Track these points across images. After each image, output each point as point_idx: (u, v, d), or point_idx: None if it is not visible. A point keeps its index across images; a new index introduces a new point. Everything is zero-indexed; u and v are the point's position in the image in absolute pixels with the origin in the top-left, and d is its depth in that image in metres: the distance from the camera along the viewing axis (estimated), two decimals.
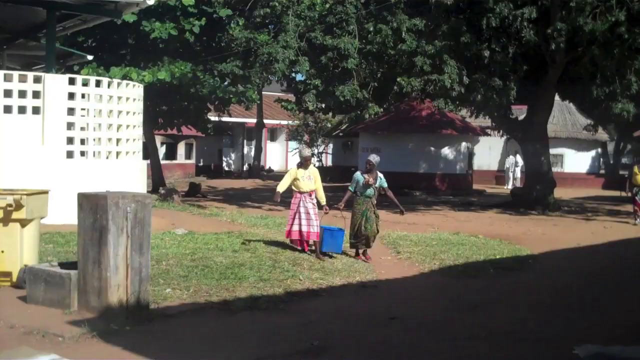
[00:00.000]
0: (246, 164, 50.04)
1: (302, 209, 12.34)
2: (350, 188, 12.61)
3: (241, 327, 7.75)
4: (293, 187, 12.59)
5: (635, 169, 20.03)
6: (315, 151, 47.90)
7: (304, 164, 12.63)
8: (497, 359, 6.94)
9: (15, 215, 8.87)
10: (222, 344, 7.08)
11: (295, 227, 12.45)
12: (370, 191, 12.36)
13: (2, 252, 8.94)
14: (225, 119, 40.64)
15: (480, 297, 9.93)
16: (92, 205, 7.69)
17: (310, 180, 12.51)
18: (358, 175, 12.53)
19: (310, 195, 12.47)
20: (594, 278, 11.71)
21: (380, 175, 12.49)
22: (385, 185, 12.60)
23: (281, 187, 12.66)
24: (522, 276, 11.77)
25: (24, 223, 9.01)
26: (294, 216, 12.42)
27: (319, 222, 12.39)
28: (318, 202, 12.62)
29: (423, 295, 9.42)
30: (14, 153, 14.63)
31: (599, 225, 19.87)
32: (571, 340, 7.52)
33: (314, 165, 13.01)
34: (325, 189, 13.14)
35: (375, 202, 12.49)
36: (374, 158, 12.48)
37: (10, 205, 8.77)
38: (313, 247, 12.54)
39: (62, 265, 8.51)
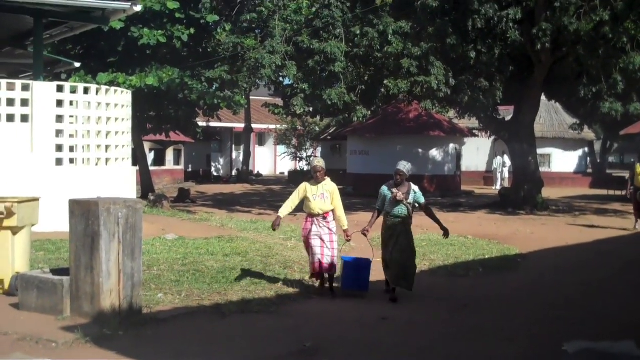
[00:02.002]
0: (235, 169, 50.02)
1: (313, 238, 9.63)
2: (377, 206, 9.92)
3: (233, 330, 7.80)
4: (304, 209, 9.90)
5: (638, 168, 18.32)
6: (304, 155, 47.99)
7: (314, 177, 9.80)
8: (487, 357, 7.01)
9: (6, 222, 8.90)
10: (215, 347, 7.12)
11: (315, 258, 9.65)
12: (400, 209, 9.57)
13: None
14: (214, 124, 40.56)
15: (470, 296, 10.02)
16: (84, 212, 7.73)
17: (325, 200, 9.67)
18: (384, 189, 9.74)
19: (325, 218, 9.67)
20: (582, 276, 11.82)
21: (414, 188, 9.69)
22: (422, 200, 9.80)
23: (284, 209, 9.78)
24: (511, 275, 11.87)
25: (15, 230, 9.03)
26: (307, 246, 9.83)
27: (335, 249, 9.69)
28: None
29: (413, 295, 9.48)
30: (2, 161, 14.62)
31: (587, 223, 20.02)
32: (560, 336, 7.62)
33: (318, 172, 9.74)
34: None
35: (409, 224, 9.77)
36: (405, 166, 9.66)
37: (1, 213, 8.80)
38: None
39: (54, 271, 8.53)
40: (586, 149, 42.64)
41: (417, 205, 9.79)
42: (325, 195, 9.67)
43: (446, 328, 8.22)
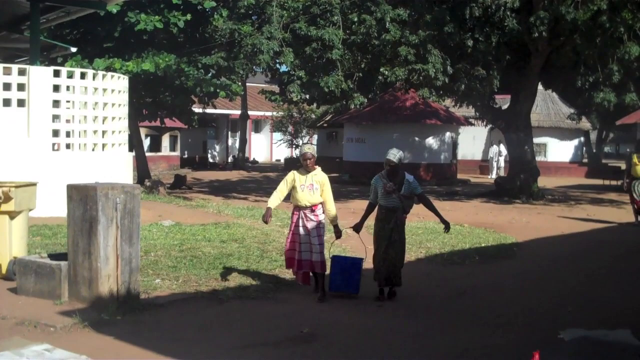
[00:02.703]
0: (231, 156, 50.02)
1: (300, 230, 8.81)
2: (370, 199, 9.14)
3: (231, 316, 7.82)
4: (291, 200, 9.13)
5: (635, 158, 17.37)
6: (300, 142, 47.95)
7: (303, 165, 8.95)
8: (483, 344, 7.04)
9: (3, 207, 8.90)
10: (212, 332, 7.15)
11: (292, 254, 8.95)
12: (393, 202, 8.78)
13: None
14: (210, 110, 40.56)
15: (467, 283, 10.06)
16: (82, 197, 7.73)
17: (314, 191, 8.82)
18: (376, 180, 8.97)
19: (314, 210, 8.85)
20: (578, 264, 11.86)
21: (408, 177, 8.89)
22: (419, 191, 8.97)
23: (273, 200, 9.00)
24: (507, 263, 11.91)
25: (12, 215, 9.04)
26: (291, 239, 8.98)
27: (322, 244, 8.84)
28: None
29: (410, 283, 9.50)
30: None
31: (582, 213, 20.07)
32: (556, 324, 7.66)
33: (308, 160, 8.88)
34: None
35: (403, 218, 9.00)
36: (394, 155, 8.78)
37: None
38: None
39: (52, 256, 8.55)
40: (582, 139, 42.70)
41: (415, 197, 9.02)
42: (314, 186, 8.82)
43: (442, 315, 8.25)
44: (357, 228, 9.21)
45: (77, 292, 7.82)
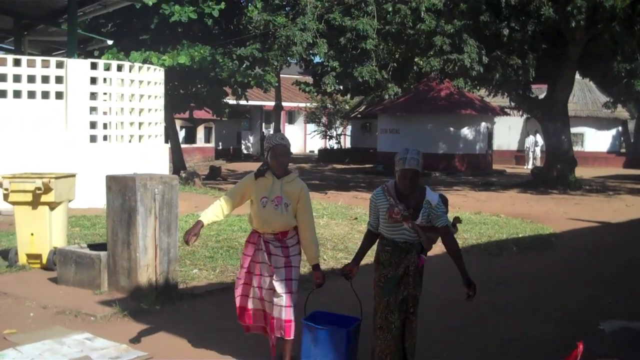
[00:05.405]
0: None
1: (259, 269, 5.65)
2: (368, 224, 5.61)
3: None
4: (249, 221, 5.88)
5: None
6: (334, 133, 47.90)
7: (272, 166, 5.60)
8: (522, 336, 6.98)
9: (44, 198, 9.03)
10: None
11: (247, 302, 5.85)
12: (404, 234, 5.28)
13: (32, 234, 9.12)
14: (243, 102, 40.79)
15: (504, 274, 9.98)
16: (121, 187, 7.81)
17: (283, 209, 5.50)
18: (377, 195, 5.41)
19: (281, 239, 5.57)
20: (616, 255, 11.72)
21: (431, 196, 5.27)
22: (444, 222, 5.28)
23: (210, 212, 5.82)
24: (545, 254, 11.79)
25: (52, 206, 9.17)
26: (244, 280, 5.81)
27: (293, 293, 5.60)
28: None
29: (446, 273, 9.44)
30: (38, 138, 14.81)
31: (621, 203, 19.82)
32: (596, 315, 7.57)
33: (281, 157, 5.61)
34: (343, 171, 8.42)
35: (421, 261, 5.37)
36: (413, 159, 5.19)
37: (39, 189, 8.93)
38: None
39: (91, 247, 8.65)
40: (620, 128, 42.13)
41: (434, 228, 5.31)
42: (284, 201, 5.50)
43: (479, 307, 8.18)
44: (347, 272, 5.64)
45: (117, 282, 7.91)
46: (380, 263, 5.41)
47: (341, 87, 28.41)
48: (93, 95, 15.87)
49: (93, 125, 15.77)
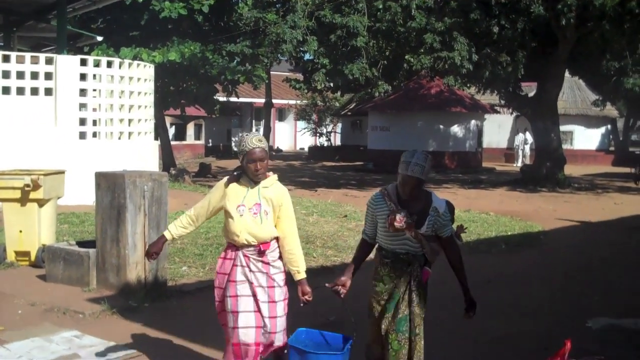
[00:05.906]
0: None
1: (239, 289, 4.92)
2: (363, 233, 5.06)
3: None
4: (222, 233, 5.29)
5: None
6: (324, 130, 47.90)
7: (248, 171, 4.89)
8: (510, 334, 7.01)
9: (32, 195, 9.01)
10: None
11: (238, 336, 4.93)
12: (406, 245, 4.79)
13: (20, 231, 9.10)
14: (233, 99, 40.77)
15: (493, 272, 10.00)
16: (110, 184, 7.79)
17: (262, 217, 4.91)
18: (376, 200, 4.84)
19: (263, 252, 4.94)
20: (605, 253, 11.77)
21: (438, 203, 4.80)
22: (448, 231, 4.90)
23: (176, 226, 5.18)
24: (533, 252, 11.83)
25: (41, 203, 9.14)
26: (222, 303, 5.05)
27: (281, 317, 5.05)
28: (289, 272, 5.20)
29: (435, 271, 9.46)
30: (27, 134, 14.76)
31: (610, 201, 19.90)
32: (583, 313, 7.61)
33: (257, 162, 4.82)
34: (333, 168, 8.51)
35: (425, 275, 5.12)
36: (418, 164, 4.60)
37: (27, 185, 8.90)
38: None
39: (80, 244, 8.64)
40: (609, 127, 42.29)
41: (440, 239, 4.95)
42: (263, 207, 4.91)
43: None
44: (337, 288, 4.98)
45: (105, 279, 7.90)
46: (379, 276, 4.86)
47: (331, 85, 28.39)
48: (83, 92, 15.81)
49: (82, 121, 15.72)
